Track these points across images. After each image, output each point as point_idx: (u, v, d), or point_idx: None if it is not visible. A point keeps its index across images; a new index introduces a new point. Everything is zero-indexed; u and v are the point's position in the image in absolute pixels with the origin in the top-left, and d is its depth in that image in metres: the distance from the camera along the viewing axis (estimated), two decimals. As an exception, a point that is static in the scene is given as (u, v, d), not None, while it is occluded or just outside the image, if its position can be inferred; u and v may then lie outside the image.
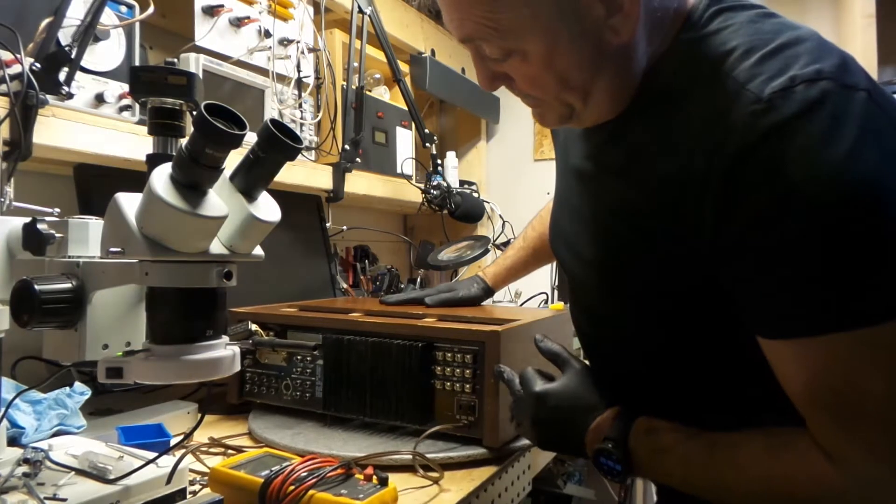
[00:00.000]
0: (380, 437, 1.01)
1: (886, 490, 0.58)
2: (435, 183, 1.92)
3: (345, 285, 1.82)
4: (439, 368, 0.99)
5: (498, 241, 1.76)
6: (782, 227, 0.57)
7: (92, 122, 1.07)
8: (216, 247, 0.70)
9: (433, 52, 2.22)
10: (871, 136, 0.56)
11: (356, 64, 1.72)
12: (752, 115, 0.59)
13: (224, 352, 0.71)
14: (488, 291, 1.36)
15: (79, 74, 1.03)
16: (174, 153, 0.69)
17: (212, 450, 0.99)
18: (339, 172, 1.67)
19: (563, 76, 0.69)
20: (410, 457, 0.91)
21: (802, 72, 0.59)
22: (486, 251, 1.73)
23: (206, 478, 0.85)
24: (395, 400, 1.00)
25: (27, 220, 0.73)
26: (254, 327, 1.09)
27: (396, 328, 1.03)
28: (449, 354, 0.98)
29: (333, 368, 1.06)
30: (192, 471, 0.87)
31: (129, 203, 0.65)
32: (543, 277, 2.29)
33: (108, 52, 1.11)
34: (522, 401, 0.84)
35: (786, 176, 0.56)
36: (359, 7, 1.71)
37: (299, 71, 1.54)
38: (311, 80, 1.60)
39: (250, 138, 0.66)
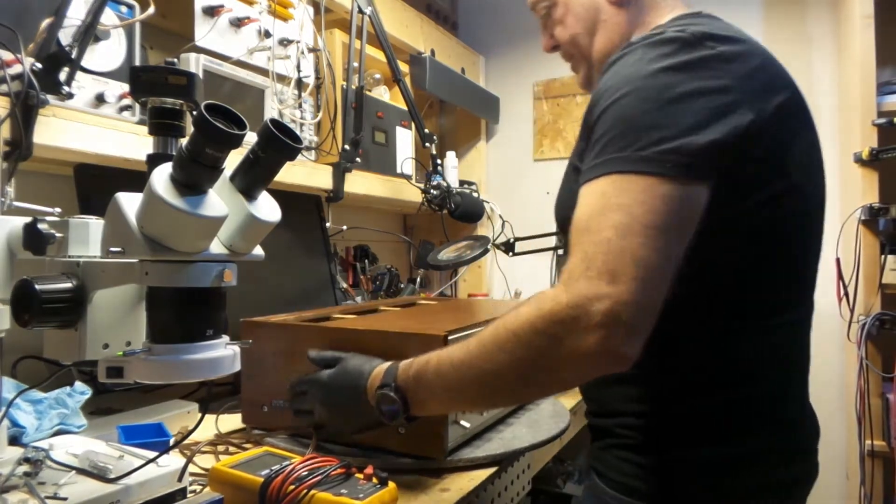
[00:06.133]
0: None
1: (597, 299, 0.63)
2: (435, 183, 1.92)
3: (344, 285, 1.82)
4: None
5: (498, 241, 1.76)
6: (598, 113, 0.74)
7: (92, 122, 1.07)
8: (216, 247, 0.70)
9: (433, 52, 2.22)
10: None
11: (356, 64, 1.73)
12: None
13: (224, 351, 0.71)
14: None
15: (79, 74, 1.03)
16: (174, 153, 0.69)
17: (216, 448, 0.99)
18: (339, 172, 1.67)
19: (578, 16, 0.94)
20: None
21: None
22: (486, 251, 1.73)
23: (206, 477, 0.85)
24: None
25: (28, 219, 0.73)
26: None
27: None
28: None
29: None
30: (193, 474, 0.87)
31: (129, 203, 0.66)
32: (544, 276, 2.29)
33: (108, 52, 1.12)
34: (310, 393, 0.92)
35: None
36: (359, 7, 1.71)
37: (299, 71, 1.54)
38: (311, 80, 1.61)
39: (250, 138, 0.66)
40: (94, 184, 1.15)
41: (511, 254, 1.74)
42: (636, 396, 0.80)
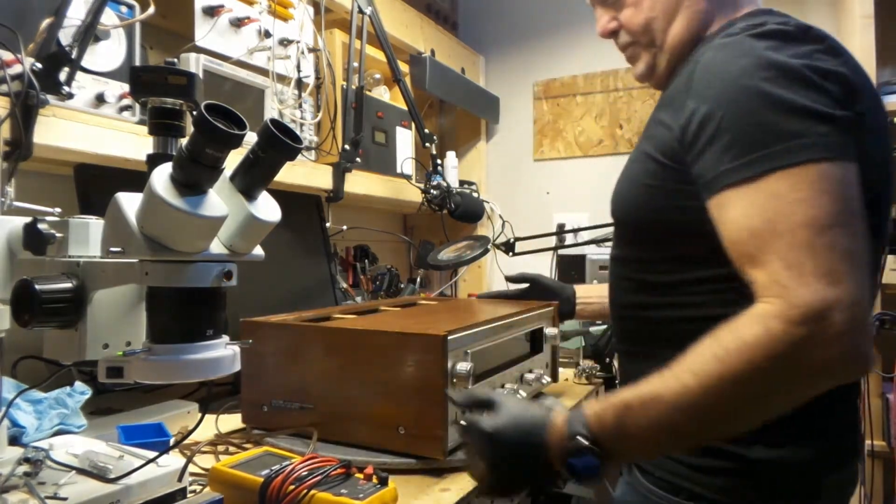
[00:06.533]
0: None
1: (829, 306, 0.60)
2: (435, 183, 1.92)
3: (344, 285, 1.82)
4: None
5: (498, 241, 1.76)
6: (717, 108, 0.71)
7: (92, 122, 1.07)
8: (216, 246, 0.70)
9: (433, 52, 2.22)
10: None
11: (356, 64, 1.73)
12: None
13: (224, 351, 0.71)
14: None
15: (79, 74, 1.04)
16: (174, 153, 0.69)
17: (216, 448, 0.99)
18: (339, 172, 1.67)
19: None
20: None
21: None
22: (486, 251, 1.73)
23: (206, 477, 0.85)
24: None
25: (28, 219, 0.73)
26: None
27: None
28: None
29: None
30: (193, 474, 0.87)
31: (129, 203, 0.66)
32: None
33: (108, 52, 1.12)
34: (473, 446, 0.76)
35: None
36: (359, 7, 1.71)
37: (299, 71, 1.54)
38: (311, 80, 1.61)
39: (250, 138, 0.66)
40: (94, 184, 1.15)
41: (511, 254, 1.74)
42: None
